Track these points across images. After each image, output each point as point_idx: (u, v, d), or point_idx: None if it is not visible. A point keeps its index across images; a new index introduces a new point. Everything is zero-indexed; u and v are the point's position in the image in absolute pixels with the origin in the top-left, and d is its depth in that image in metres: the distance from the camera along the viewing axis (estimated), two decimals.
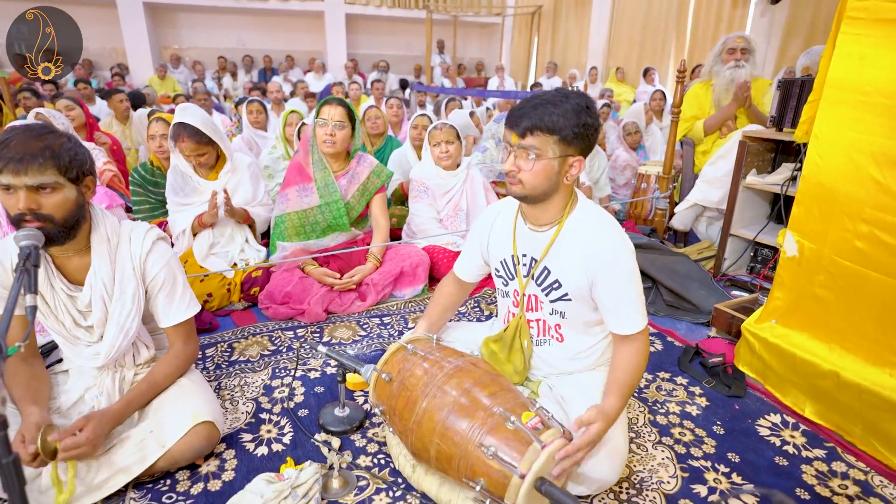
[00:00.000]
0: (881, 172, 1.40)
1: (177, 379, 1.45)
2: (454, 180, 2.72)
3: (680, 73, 2.66)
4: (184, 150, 2.29)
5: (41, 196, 1.20)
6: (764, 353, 1.73)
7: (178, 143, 2.28)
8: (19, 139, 1.18)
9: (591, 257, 1.29)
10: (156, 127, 2.65)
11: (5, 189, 1.18)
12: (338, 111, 2.28)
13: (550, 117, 1.20)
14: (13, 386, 1.31)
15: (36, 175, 1.17)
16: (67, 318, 1.36)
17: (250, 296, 2.33)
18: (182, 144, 2.27)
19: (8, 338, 1.31)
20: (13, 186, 1.17)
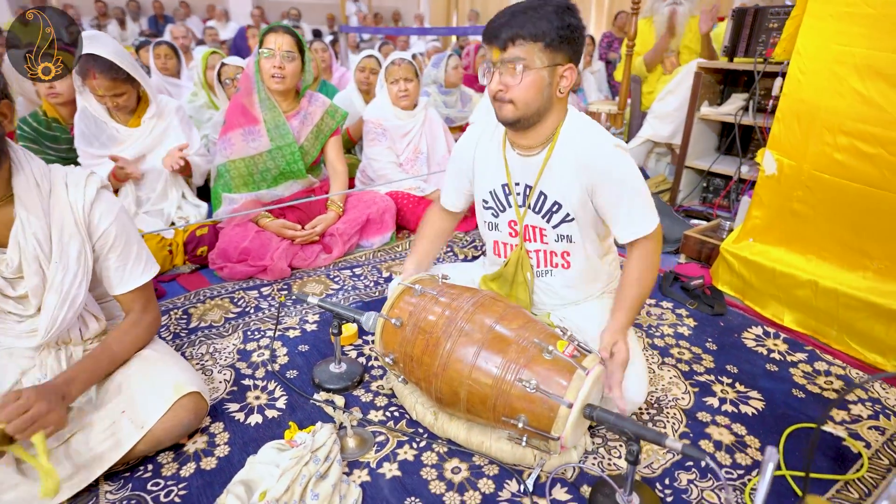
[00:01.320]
0: (863, 84, 1.44)
1: (137, 351, 1.22)
2: (413, 121, 2.55)
3: (634, 3, 2.64)
4: (96, 88, 1.90)
5: None
6: (743, 271, 1.79)
7: (88, 80, 1.90)
8: None
9: (585, 166, 1.21)
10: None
11: None
12: (286, 40, 1.99)
13: (532, 22, 1.10)
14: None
15: None
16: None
17: (197, 257, 2.05)
18: (94, 82, 1.89)
19: None
20: None
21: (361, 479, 1.12)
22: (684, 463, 1.18)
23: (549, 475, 1.13)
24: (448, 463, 1.17)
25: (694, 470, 1.17)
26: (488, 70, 1.17)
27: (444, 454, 1.19)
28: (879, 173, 1.46)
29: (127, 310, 1.24)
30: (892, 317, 1.45)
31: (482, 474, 1.14)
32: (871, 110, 1.44)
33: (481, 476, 1.13)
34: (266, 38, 2.00)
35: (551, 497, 1.08)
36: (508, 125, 1.21)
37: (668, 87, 2.86)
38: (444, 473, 1.14)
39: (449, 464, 1.16)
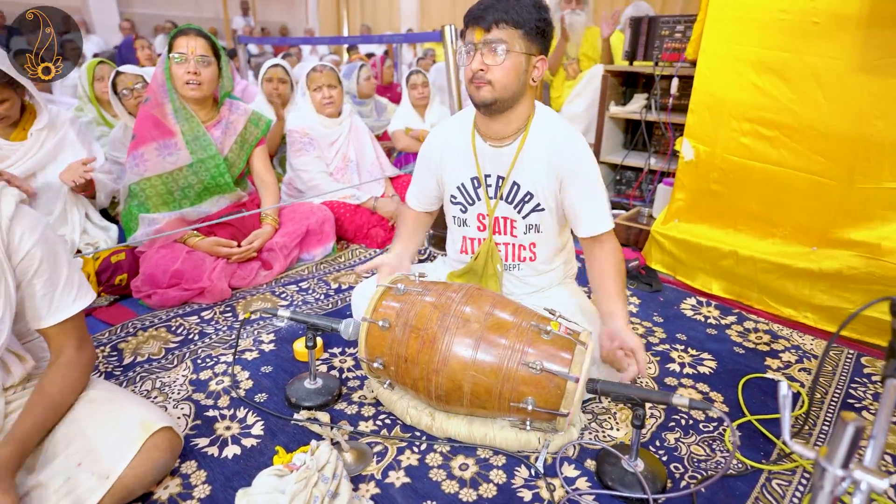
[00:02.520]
0: (759, 78, 1.68)
1: (78, 395, 1.05)
2: (340, 129, 2.48)
3: None
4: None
5: None
6: (673, 249, 1.98)
7: None
8: None
9: (558, 158, 1.27)
10: None
11: None
12: (199, 43, 1.84)
13: (515, 9, 1.16)
14: None
15: None
16: None
17: (115, 287, 1.81)
18: None
19: None
20: None
21: (371, 492, 1.05)
22: (667, 424, 1.27)
23: (554, 456, 1.15)
24: (454, 461, 1.14)
25: (677, 429, 1.25)
26: (469, 51, 1.19)
27: (447, 453, 1.16)
28: (778, 153, 1.69)
29: (57, 347, 1.04)
30: (798, 274, 1.68)
31: (491, 466, 1.13)
32: (766, 100, 1.67)
33: (490, 468, 1.12)
34: (176, 42, 1.83)
35: (563, 475, 1.10)
36: (484, 107, 1.23)
37: (576, 90, 3.08)
38: (452, 472, 1.11)
39: (455, 461, 1.14)
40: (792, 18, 1.57)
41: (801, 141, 1.63)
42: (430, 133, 1.47)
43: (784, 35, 1.59)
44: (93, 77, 2.65)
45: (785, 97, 1.63)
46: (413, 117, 3.18)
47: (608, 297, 1.26)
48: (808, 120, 1.60)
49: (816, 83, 1.56)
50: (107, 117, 2.70)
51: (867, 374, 1.47)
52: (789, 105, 1.62)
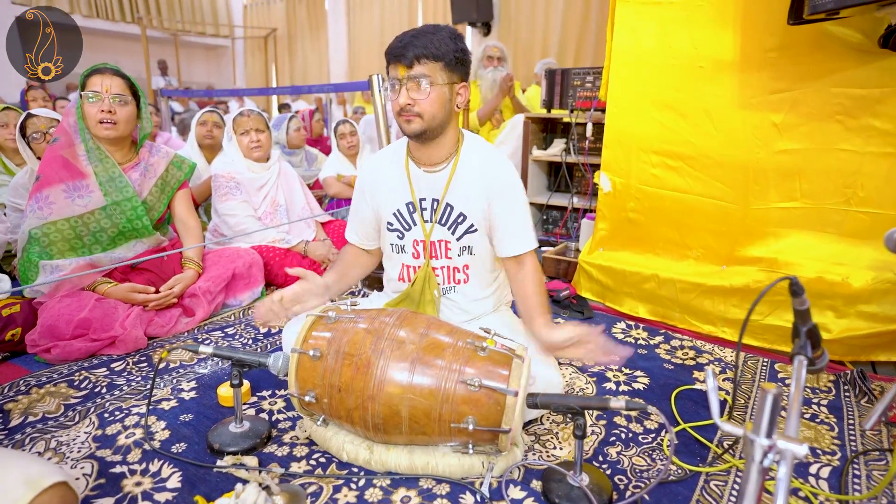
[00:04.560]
0: (660, 114, 1.85)
1: None
2: (268, 174, 2.44)
3: None
4: None
5: None
6: (600, 277, 2.06)
7: None
8: None
9: (489, 180, 1.33)
10: None
11: None
12: (115, 82, 1.77)
13: (433, 44, 1.22)
14: None
15: None
16: None
17: (6, 343, 1.61)
18: None
19: None
20: None
21: None
22: (608, 439, 1.27)
23: (499, 480, 1.11)
24: (395, 494, 1.07)
25: (618, 443, 1.26)
26: (394, 87, 1.23)
27: (387, 487, 1.09)
28: (684, 181, 1.85)
29: None
30: (712, 292, 1.80)
31: (434, 496, 1.07)
32: (668, 133, 1.85)
33: (434, 497, 1.06)
34: (89, 81, 1.75)
35: (510, 498, 1.06)
36: (416, 137, 1.27)
37: (500, 138, 3.25)
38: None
39: (396, 495, 1.07)
40: (681, 63, 1.77)
41: (701, 169, 1.80)
42: (363, 166, 1.49)
43: (676, 77, 1.78)
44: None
45: (683, 130, 1.81)
46: (345, 164, 3.20)
47: (530, 313, 1.32)
48: (705, 150, 1.77)
49: (707, 118, 1.75)
50: (8, 165, 2.51)
51: (781, 378, 1.57)
52: (688, 137, 1.80)
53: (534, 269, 1.36)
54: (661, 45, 1.80)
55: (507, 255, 1.36)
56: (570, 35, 5.81)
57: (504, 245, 1.36)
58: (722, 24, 1.67)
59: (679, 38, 1.76)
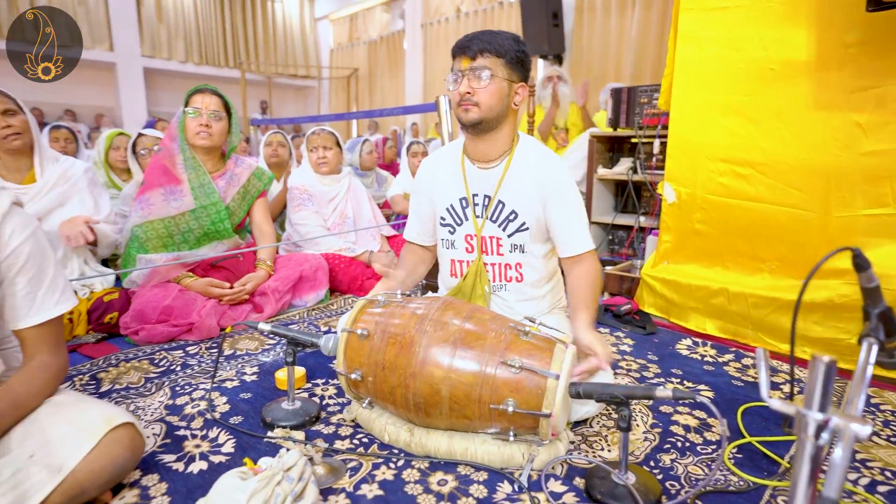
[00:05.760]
0: (728, 120, 1.78)
1: (45, 399, 1.02)
2: (338, 187, 2.60)
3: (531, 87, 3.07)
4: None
5: None
6: (665, 291, 1.97)
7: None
8: None
9: (544, 179, 1.34)
10: None
11: None
12: (213, 100, 2.01)
13: (497, 41, 1.28)
14: None
15: None
16: None
17: (104, 325, 1.81)
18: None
19: None
20: None
21: (340, 503, 0.98)
22: (663, 446, 1.19)
23: (539, 473, 1.07)
24: (432, 477, 1.07)
25: (673, 450, 1.18)
26: (456, 78, 1.29)
27: (425, 469, 1.09)
28: (755, 189, 1.75)
29: (31, 351, 1.04)
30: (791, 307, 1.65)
31: (471, 481, 1.05)
32: (736, 140, 1.77)
33: (471, 483, 1.05)
34: (192, 99, 2.00)
35: (549, 490, 1.02)
36: (471, 128, 1.31)
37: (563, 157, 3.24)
38: (430, 486, 1.04)
39: (433, 478, 1.06)
40: (749, 67, 1.70)
41: (775, 176, 1.70)
42: (422, 163, 1.55)
43: (744, 82, 1.71)
44: (109, 145, 2.85)
45: (753, 136, 1.73)
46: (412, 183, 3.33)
47: (577, 302, 1.30)
48: (778, 155, 1.67)
49: (780, 122, 1.66)
50: (116, 181, 2.86)
51: (875, 404, 1.40)
52: (758, 143, 1.71)
53: (589, 268, 1.34)
54: (726, 50, 1.75)
55: (565, 255, 1.37)
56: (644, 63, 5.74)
57: (562, 246, 1.37)
58: (794, 22, 1.60)
59: (746, 41, 1.70)
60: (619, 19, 5.99)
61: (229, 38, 10.18)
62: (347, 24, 10.86)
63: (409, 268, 1.55)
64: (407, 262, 1.56)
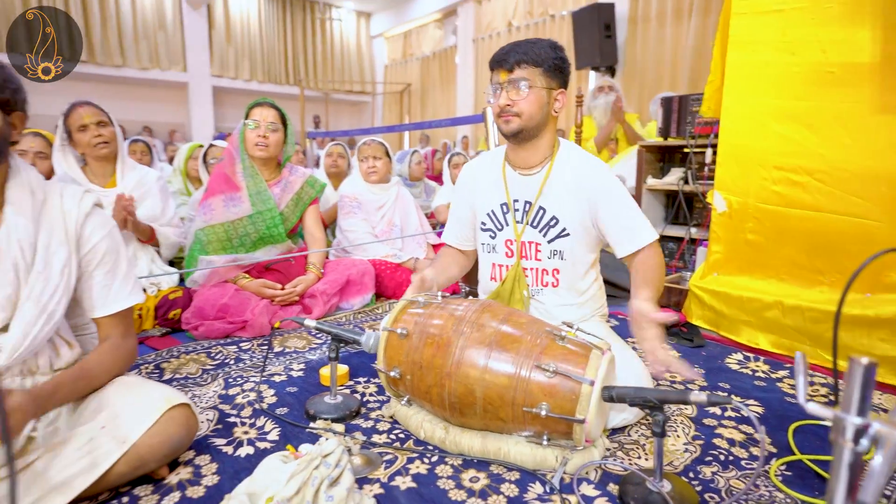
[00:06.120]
0: (782, 126, 1.72)
1: (114, 377, 1.12)
2: (386, 195, 2.68)
3: (578, 98, 3.06)
4: (83, 116, 1.94)
5: None
6: (714, 303, 1.90)
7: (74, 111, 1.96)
8: None
9: (586, 183, 1.34)
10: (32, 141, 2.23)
11: None
12: (271, 113, 2.14)
13: (534, 51, 1.30)
14: None
15: None
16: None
17: (168, 320, 1.95)
18: (80, 109, 1.96)
19: None
20: None
21: (374, 492, 1.02)
22: (704, 458, 1.16)
23: (572, 476, 1.07)
24: (465, 474, 1.09)
25: (715, 463, 1.14)
26: (496, 91, 1.33)
27: (458, 466, 1.11)
28: (813, 198, 1.67)
29: (105, 335, 1.15)
30: (853, 323, 1.56)
31: (503, 480, 1.06)
32: (792, 146, 1.70)
33: (502, 482, 1.06)
34: (252, 111, 2.14)
35: (581, 493, 1.02)
36: (512, 137, 1.34)
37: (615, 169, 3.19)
38: (462, 483, 1.06)
39: (466, 474, 1.08)
40: (806, 70, 1.64)
41: (835, 184, 1.61)
42: (464, 167, 1.59)
43: (800, 86, 1.65)
44: (189, 155, 3.09)
45: (810, 142, 1.65)
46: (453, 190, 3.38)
47: (636, 285, 1.26)
48: (839, 162, 1.59)
49: (841, 127, 1.58)
50: (190, 188, 3.08)
51: None
52: (816, 149, 1.63)
53: (651, 256, 1.32)
54: (781, 54, 1.69)
55: (624, 254, 1.35)
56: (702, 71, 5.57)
57: (622, 244, 1.35)
58: (855, 23, 1.53)
59: (803, 43, 1.64)
60: (674, 28, 5.85)
61: (290, 57, 10.73)
62: (401, 41, 11.18)
63: (441, 268, 1.56)
64: (439, 263, 1.59)
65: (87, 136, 1.95)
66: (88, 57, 8.61)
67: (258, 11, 10.24)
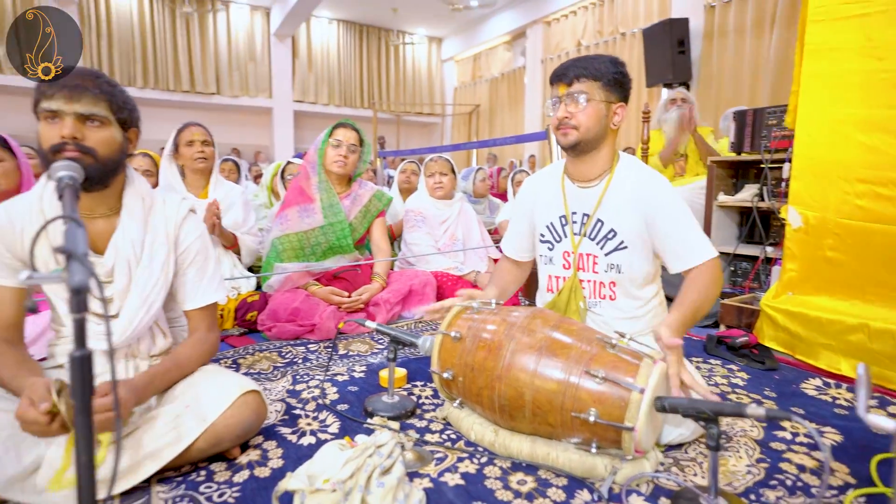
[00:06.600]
0: (867, 136, 1.61)
1: (200, 366, 1.26)
2: (449, 210, 2.77)
3: (644, 114, 3.00)
4: (193, 132, 2.25)
5: (87, 128, 1.09)
6: (788, 324, 1.79)
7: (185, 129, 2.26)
8: (77, 72, 1.11)
9: (643, 195, 1.33)
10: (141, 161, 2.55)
11: (50, 117, 1.06)
12: (353, 135, 2.30)
13: (593, 65, 1.33)
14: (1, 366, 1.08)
15: (88, 105, 1.08)
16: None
17: (246, 321, 2.12)
18: (192, 129, 2.26)
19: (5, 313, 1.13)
20: (61, 113, 1.06)
21: (424, 485, 1.06)
22: (768, 482, 1.10)
23: (622, 487, 1.05)
24: (512, 476, 1.10)
25: (780, 488, 1.08)
26: (555, 104, 1.37)
27: (507, 468, 1.13)
28: None
29: (194, 327, 1.29)
30: None
31: (550, 485, 1.07)
32: (879, 158, 1.58)
33: (549, 486, 1.07)
34: (336, 131, 2.31)
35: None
36: (570, 149, 1.36)
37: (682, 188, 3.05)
38: (509, 484, 1.07)
39: (513, 477, 1.10)
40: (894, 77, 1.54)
41: None
42: (525, 181, 1.63)
43: (887, 93, 1.55)
44: (276, 172, 3.36)
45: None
46: None
47: (673, 304, 1.24)
48: None
49: None
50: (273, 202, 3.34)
51: None
52: None
53: (703, 273, 1.28)
54: (866, 60, 1.59)
55: (676, 270, 1.34)
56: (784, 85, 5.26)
57: (676, 261, 1.33)
58: None
59: (891, 48, 1.54)
60: (755, 40, 5.59)
61: (365, 82, 11.30)
62: (471, 64, 11.44)
63: (501, 285, 1.60)
64: (497, 279, 1.62)
65: (192, 151, 2.23)
66: (190, 87, 9.57)
67: (337, 41, 10.91)
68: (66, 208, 0.85)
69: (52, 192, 1.14)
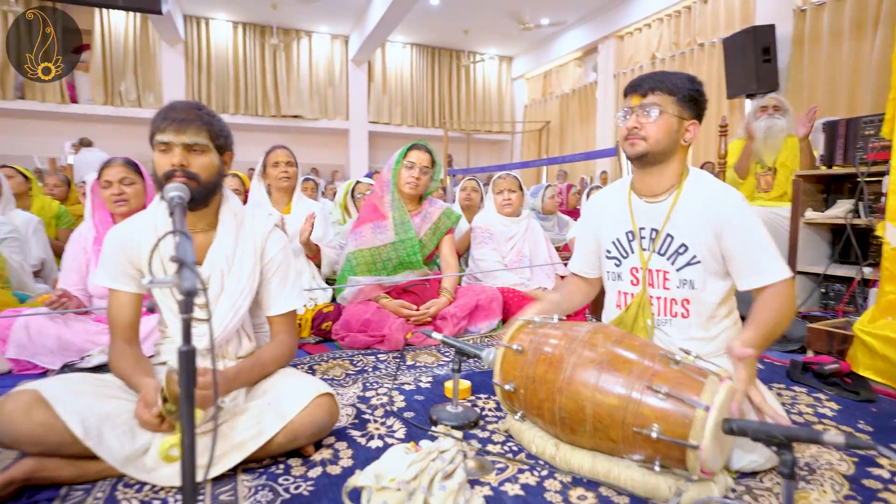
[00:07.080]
0: None
1: (279, 367, 1.38)
2: (517, 227, 2.80)
3: (722, 127, 2.88)
4: (279, 155, 2.52)
5: (192, 155, 1.25)
6: (887, 352, 1.64)
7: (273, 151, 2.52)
8: (183, 106, 1.27)
9: (712, 208, 1.30)
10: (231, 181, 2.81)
11: (163, 148, 1.23)
12: (426, 157, 2.42)
13: (669, 80, 1.32)
14: (121, 363, 1.25)
15: (192, 135, 1.24)
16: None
17: (321, 331, 2.26)
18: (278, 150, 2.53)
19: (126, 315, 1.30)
20: (171, 144, 1.23)
21: (484, 493, 1.09)
22: None
23: None
24: (572, 491, 1.11)
25: None
26: (626, 115, 1.38)
27: (567, 483, 1.14)
28: None
29: (275, 332, 1.42)
30: None
31: (611, 503, 1.06)
32: None
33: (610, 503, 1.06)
34: (410, 153, 2.42)
35: None
36: (637, 160, 1.36)
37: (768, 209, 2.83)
38: (569, 498, 1.08)
39: (573, 492, 1.11)
40: None
41: None
42: (591, 198, 1.64)
43: None
44: (348, 190, 3.57)
45: None
46: None
47: (745, 325, 1.21)
48: None
49: None
50: (346, 219, 3.54)
51: None
52: None
53: (776, 293, 1.24)
54: None
55: (746, 288, 1.29)
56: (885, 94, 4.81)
57: (746, 278, 1.29)
58: None
59: None
60: (854, 44, 5.18)
61: (436, 102, 11.64)
62: (541, 81, 11.45)
63: (566, 294, 1.61)
64: (564, 290, 1.63)
65: (277, 171, 2.46)
66: (276, 111, 10.34)
67: (410, 64, 11.35)
68: (177, 223, 0.99)
69: (164, 211, 1.32)
